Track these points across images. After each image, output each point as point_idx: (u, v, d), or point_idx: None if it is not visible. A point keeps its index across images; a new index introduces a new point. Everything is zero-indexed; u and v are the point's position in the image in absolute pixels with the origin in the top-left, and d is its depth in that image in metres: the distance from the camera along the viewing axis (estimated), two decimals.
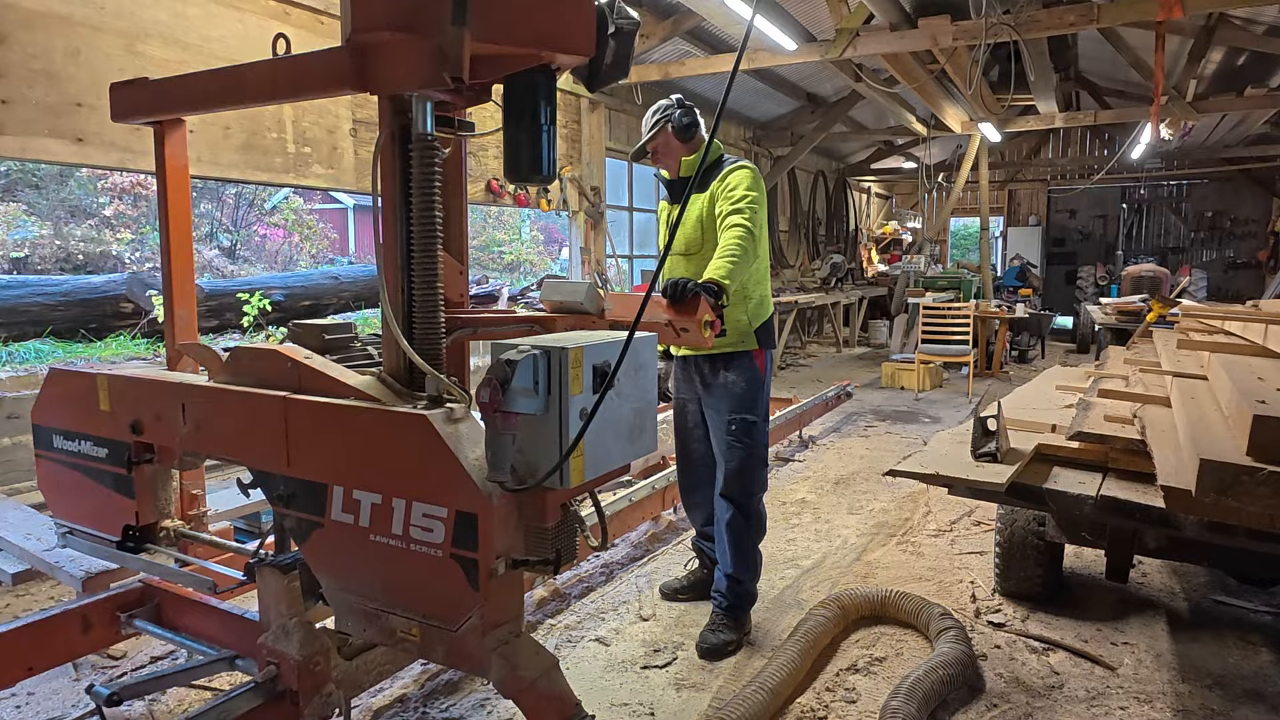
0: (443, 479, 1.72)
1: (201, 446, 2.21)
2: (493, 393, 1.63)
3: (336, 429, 1.88)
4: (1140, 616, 3.26)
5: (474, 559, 1.68)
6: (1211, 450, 1.96)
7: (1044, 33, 6.50)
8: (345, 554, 1.88)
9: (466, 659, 1.78)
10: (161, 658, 2.92)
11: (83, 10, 4.07)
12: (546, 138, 1.93)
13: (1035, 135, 16.29)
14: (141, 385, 2.31)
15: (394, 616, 1.84)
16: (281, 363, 2.05)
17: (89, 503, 2.47)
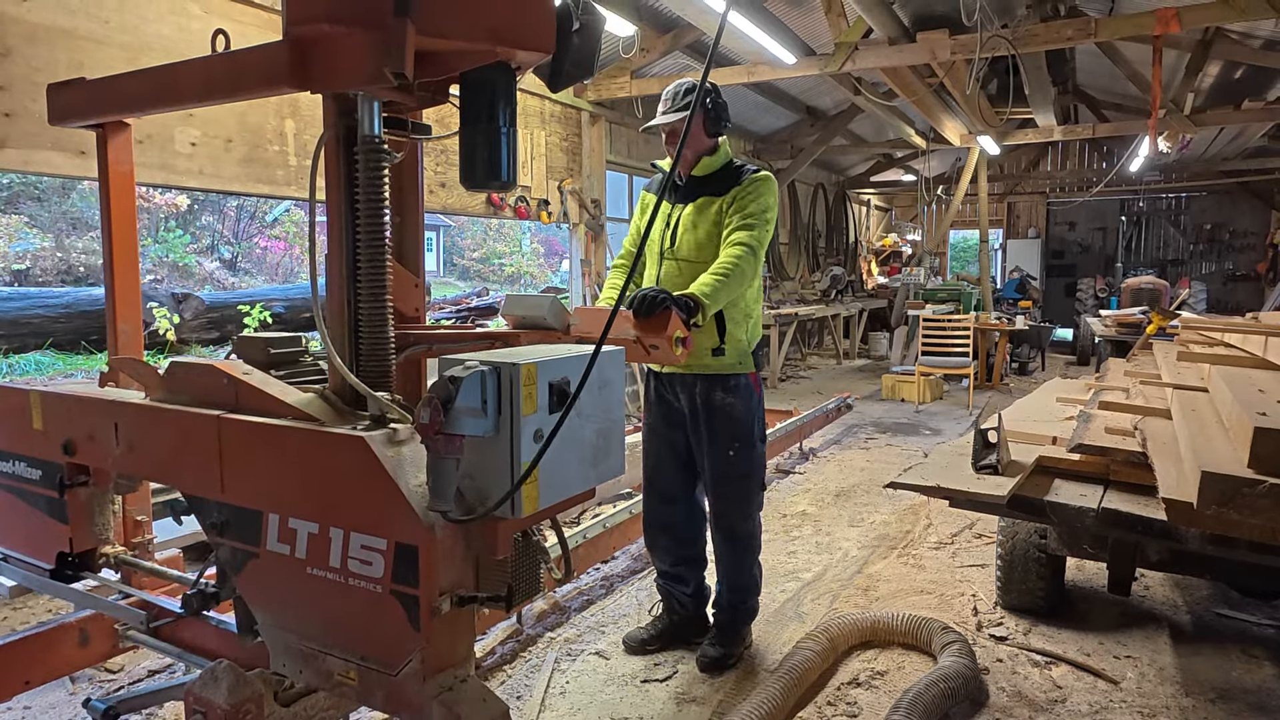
0: (382, 507, 1.56)
1: (135, 469, 2.06)
2: (433, 413, 1.43)
3: (272, 451, 1.71)
4: (1143, 630, 3.24)
5: (415, 595, 1.51)
6: (1213, 462, 1.96)
7: (1041, 47, 6.54)
8: (281, 588, 1.72)
9: (406, 706, 1.59)
10: (159, 671, 2.91)
11: (87, 24, 4.09)
12: (505, 141, 1.80)
13: (1034, 148, 16.37)
14: (73, 403, 2.14)
15: (331, 658, 1.67)
16: (218, 379, 1.88)
17: (23, 527, 2.30)
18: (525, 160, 7.29)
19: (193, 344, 5.19)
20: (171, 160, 4.49)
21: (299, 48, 1.72)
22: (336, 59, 1.68)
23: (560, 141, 7.86)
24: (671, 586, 3.07)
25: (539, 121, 7.51)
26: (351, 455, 1.59)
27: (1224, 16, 5.73)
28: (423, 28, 1.56)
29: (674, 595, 3.08)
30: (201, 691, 1.77)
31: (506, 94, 1.79)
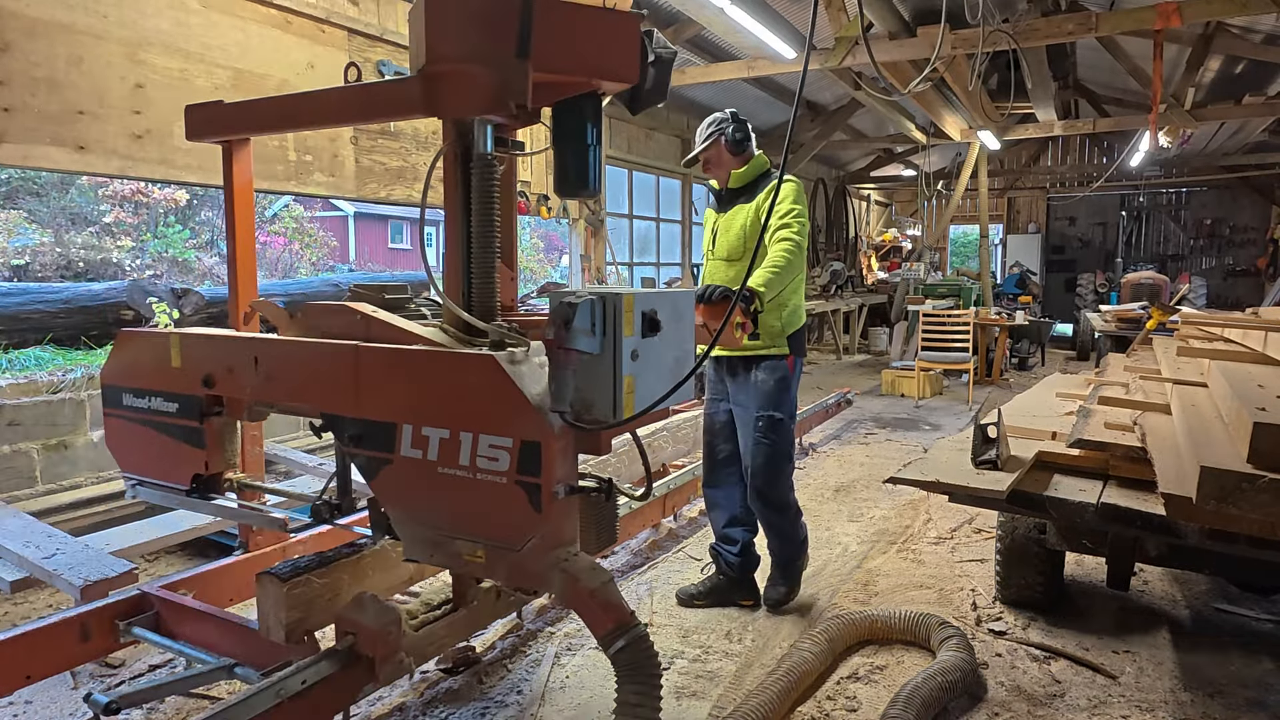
0: (509, 412, 1.85)
1: (273, 396, 2.32)
2: (557, 330, 1.80)
3: (406, 372, 2.01)
4: (1142, 624, 3.25)
5: (537, 484, 1.81)
6: (1212, 457, 1.96)
7: (1042, 41, 6.53)
8: (414, 487, 2.00)
9: (528, 576, 1.94)
10: (160, 666, 2.92)
11: (85, 19, 4.08)
12: (593, 156, 2.15)
13: (1034, 143, 16.35)
14: (214, 342, 2.45)
15: (460, 542, 1.97)
16: (351, 315, 2.21)
17: (158, 455, 2.57)
18: (526, 157, 7.28)
19: None
20: (171, 155, 4.48)
21: (431, 82, 2.04)
22: (464, 92, 2.01)
23: None
24: (721, 548, 3.41)
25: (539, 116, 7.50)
26: (481, 372, 1.89)
27: (1225, 11, 5.73)
28: (539, 65, 1.90)
29: (723, 556, 3.40)
30: (351, 615, 2.15)
31: (595, 117, 2.14)
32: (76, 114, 4.08)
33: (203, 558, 3.86)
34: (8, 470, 3.77)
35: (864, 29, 6.59)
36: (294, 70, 5.12)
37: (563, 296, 1.83)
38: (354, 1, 5.55)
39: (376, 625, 2.12)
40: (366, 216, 23.12)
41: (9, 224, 10.45)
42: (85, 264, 10.27)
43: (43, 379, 3.93)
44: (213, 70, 4.66)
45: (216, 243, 13.50)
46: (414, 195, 6.14)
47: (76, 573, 2.79)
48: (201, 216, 13.33)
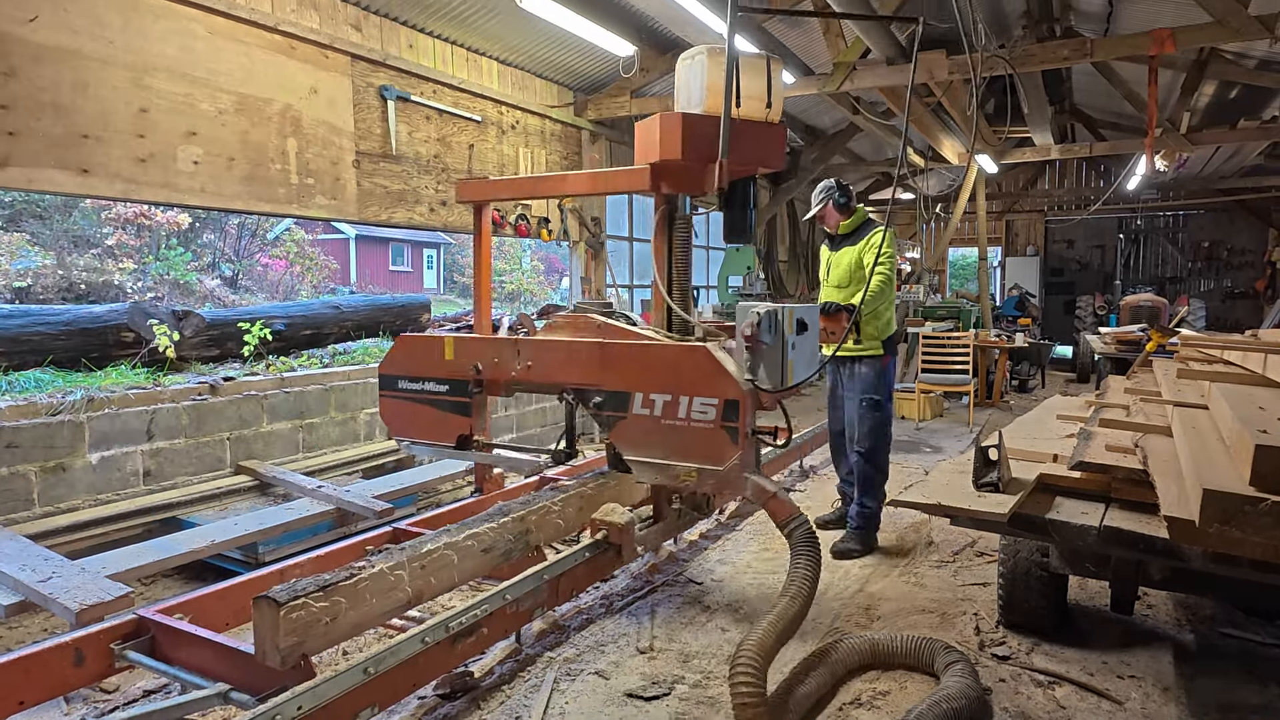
0: (716, 382, 2.93)
1: (532, 378, 3.43)
2: (754, 329, 2.94)
3: (639, 357, 3.12)
4: (1147, 649, 3.22)
5: (735, 427, 2.90)
6: (1214, 480, 1.95)
7: (1038, 67, 6.59)
8: (643, 433, 3.09)
9: (728, 486, 3.04)
10: (155, 691, 2.88)
11: (92, 44, 4.13)
12: (751, 216, 3.36)
13: (1032, 166, 16.45)
14: (483, 341, 3.62)
15: (677, 466, 3.04)
16: (591, 321, 3.42)
17: (429, 424, 3.69)
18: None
19: (193, 361, 5.18)
20: (174, 179, 4.51)
21: (657, 171, 3.23)
22: (683, 180, 3.26)
23: (561, 160, 7.91)
24: (845, 488, 4.64)
25: (540, 140, 7.56)
26: (696, 355, 2.99)
27: (1218, 37, 5.79)
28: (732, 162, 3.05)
29: (847, 494, 4.62)
30: (604, 518, 3.26)
31: (754, 189, 3.39)
32: (81, 138, 4.11)
33: (200, 581, 3.83)
34: (5, 492, 3.75)
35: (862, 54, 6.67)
36: (297, 95, 5.17)
37: (753, 308, 2.97)
38: (357, 27, 5.62)
39: (624, 523, 3.22)
40: (368, 239, 23.24)
41: (12, 246, 10.49)
42: (87, 286, 10.29)
43: (42, 401, 3.93)
44: (217, 95, 4.71)
45: (218, 265, 13.55)
46: (415, 218, 6.18)
47: (72, 596, 2.77)
48: (204, 239, 13.39)
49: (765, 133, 3.30)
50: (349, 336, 6.48)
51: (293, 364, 5.46)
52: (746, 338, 2.93)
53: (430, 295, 14.91)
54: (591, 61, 7.53)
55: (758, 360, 2.94)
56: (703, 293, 11.27)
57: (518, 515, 3.10)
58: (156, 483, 4.32)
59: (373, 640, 3.21)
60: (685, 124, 3.11)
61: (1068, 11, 8.65)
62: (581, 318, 3.43)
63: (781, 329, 2.98)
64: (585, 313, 3.50)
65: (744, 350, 2.96)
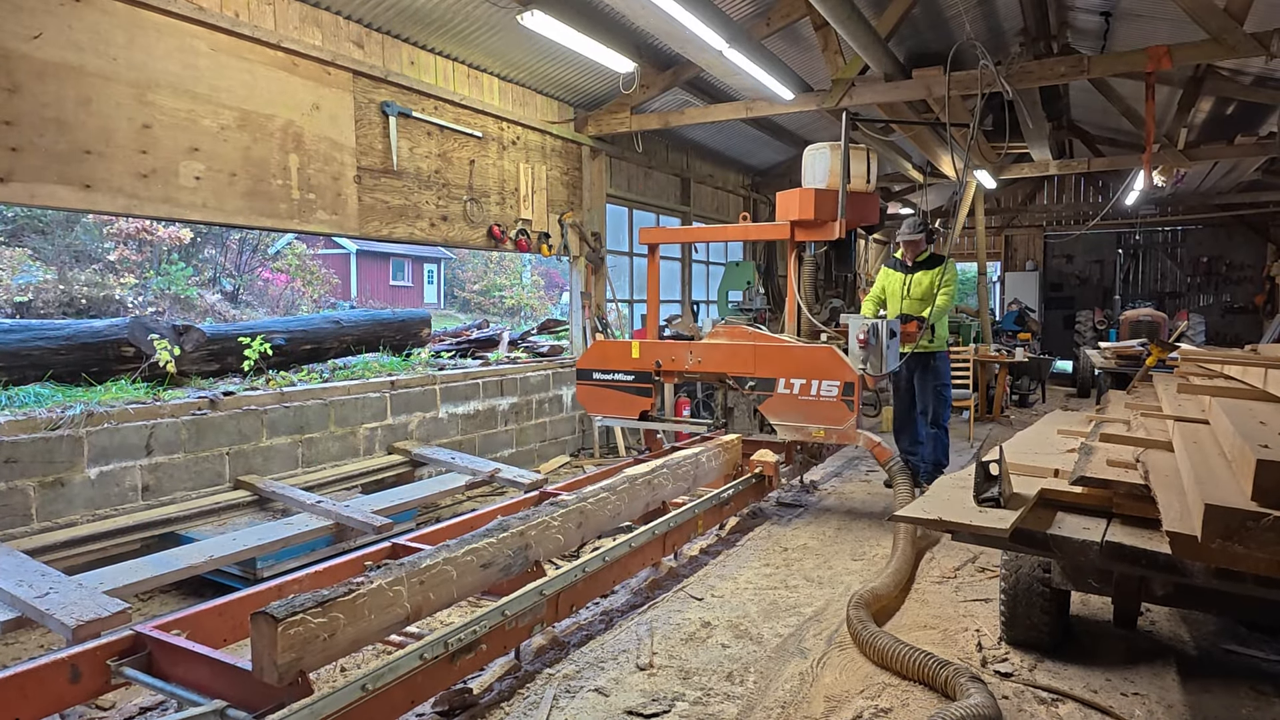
0: (838, 370, 4.74)
1: (701, 369, 5.25)
2: (866, 334, 4.95)
3: (784, 355, 4.98)
4: (1150, 666, 3.19)
5: (851, 400, 4.68)
6: (1216, 495, 1.94)
7: (1035, 83, 6.63)
8: (785, 406, 4.91)
9: (847, 437, 4.82)
10: (151, 708, 2.86)
11: (95, 61, 4.16)
12: (854, 252, 6.29)
13: (1030, 182, 16.52)
14: (661, 344, 5.56)
15: (810, 427, 4.87)
16: (744, 330, 5.37)
17: (618, 404, 5.53)
18: (526, 194, 7.35)
19: (193, 376, 5.18)
20: (175, 194, 4.53)
21: (794, 228, 5.60)
22: (809, 231, 5.61)
23: (561, 175, 7.94)
24: (909, 458, 6.06)
25: (540, 156, 7.59)
26: (824, 353, 4.89)
27: (1214, 54, 5.83)
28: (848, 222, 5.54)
29: (910, 463, 5.98)
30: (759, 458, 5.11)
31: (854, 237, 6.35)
32: (83, 153, 4.13)
33: (197, 597, 3.81)
34: (3, 508, 3.74)
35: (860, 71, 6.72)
36: (300, 111, 5.20)
37: (863, 321, 4.98)
38: (359, 44, 5.66)
39: (773, 461, 5.03)
40: (368, 254, 23.30)
41: (13, 261, 10.51)
42: (88, 301, 10.31)
43: (41, 415, 3.92)
44: (219, 111, 4.74)
45: (219, 280, 13.57)
46: (416, 233, 6.19)
47: (69, 612, 2.76)
48: (205, 254, 13.43)
49: (866, 200, 5.79)
50: (349, 351, 6.48)
51: (293, 379, 5.46)
52: (860, 340, 4.93)
53: (430, 310, 14.93)
54: (592, 78, 7.58)
55: (867, 355, 4.89)
56: (702, 308, 11.29)
57: (517, 530, 3.09)
58: (155, 498, 4.31)
59: (371, 656, 3.19)
60: (816, 197, 5.46)
61: (1065, 29, 8.72)
62: (735, 328, 5.41)
63: (882, 335, 4.90)
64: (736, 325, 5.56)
65: (858, 349, 4.91)
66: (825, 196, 5.39)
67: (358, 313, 8.84)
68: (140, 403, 4.36)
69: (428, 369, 6.50)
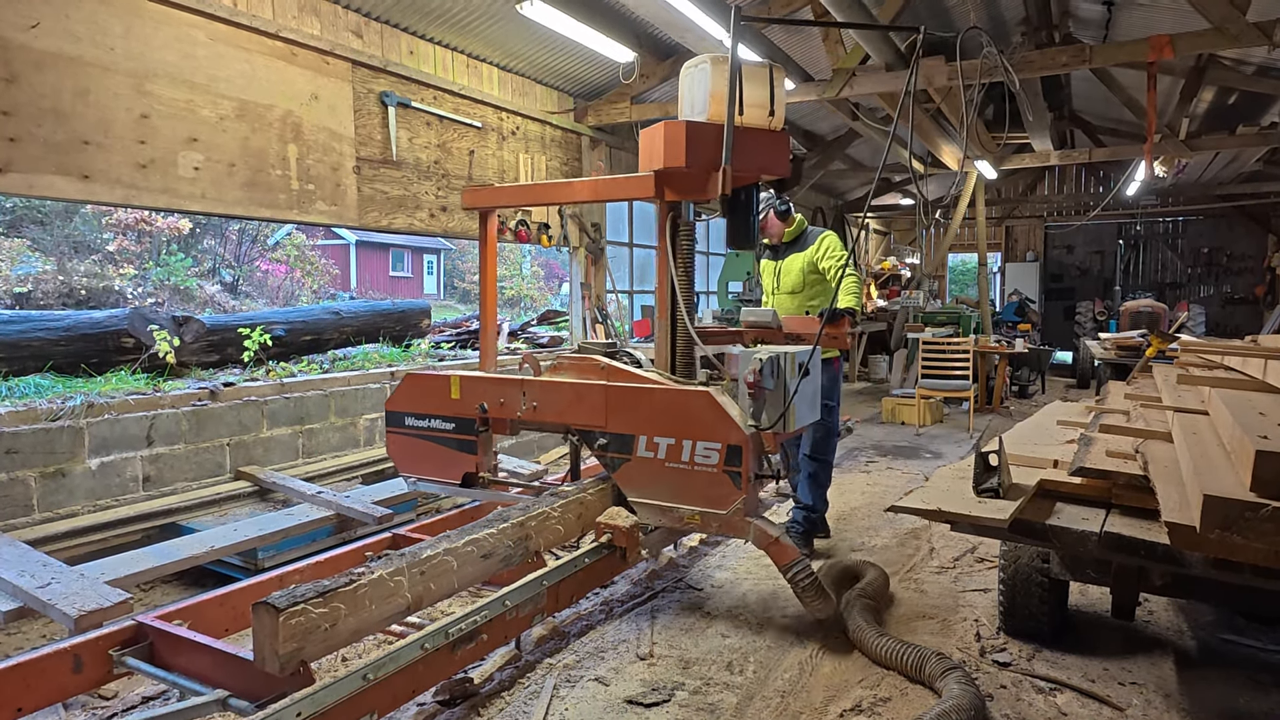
0: (719, 426, 3.03)
1: (537, 418, 3.49)
2: (756, 375, 3.11)
3: (643, 400, 3.20)
4: (1148, 655, 3.21)
5: (739, 471, 3.01)
6: (1215, 486, 1.95)
7: (1037, 73, 6.61)
8: (646, 476, 3.21)
9: (732, 529, 3.10)
10: (153, 698, 2.87)
11: (93, 51, 4.14)
12: (754, 223, 3.54)
13: (1031, 172, 16.49)
14: (488, 380, 3.62)
15: (681, 509, 3.16)
16: (595, 364, 3.46)
17: (435, 461, 3.72)
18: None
19: (193, 367, 5.18)
20: (174, 184, 4.52)
21: (661, 178, 3.34)
22: (685, 185, 3.33)
23: (561, 165, 7.92)
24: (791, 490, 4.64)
25: (540, 146, 7.57)
26: (700, 400, 3.08)
27: (1217, 43, 5.81)
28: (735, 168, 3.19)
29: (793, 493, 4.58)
30: (608, 521, 3.21)
31: (755, 197, 3.53)
32: (82, 144, 4.12)
33: (199, 587, 3.83)
34: (4, 498, 3.74)
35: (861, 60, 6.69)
36: (298, 101, 5.18)
37: (754, 354, 3.12)
38: (358, 34, 5.63)
39: (628, 526, 3.20)
40: (368, 245, 23.27)
41: (13, 252, 10.50)
42: (87, 292, 10.30)
43: (42, 406, 3.93)
44: (218, 101, 4.72)
45: (219, 271, 13.55)
46: (415, 223, 6.18)
47: (71, 602, 2.77)
48: (204, 245, 13.40)
49: (768, 140, 3.36)
50: (349, 342, 6.48)
51: (293, 369, 5.46)
52: (749, 384, 3.10)
53: (430, 301, 14.92)
54: (591, 68, 7.55)
55: (760, 405, 3.11)
56: (703, 299, 11.28)
57: (517, 521, 3.10)
58: (156, 488, 4.32)
59: (372, 646, 3.20)
60: (689, 131, 3.20)
61: (1066, 18, 8.68)
62: (586, 359, 3.48)
63: (784, 374, 3.13)
64: (589, 354, 3.54)
65: (747, 395, 3.12)
66: (703, 135, 3.22)
67: (357, 304, 8.84)
68: (140, 394, 4.36)
69: (428, 360, 6.50)
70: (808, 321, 4.05)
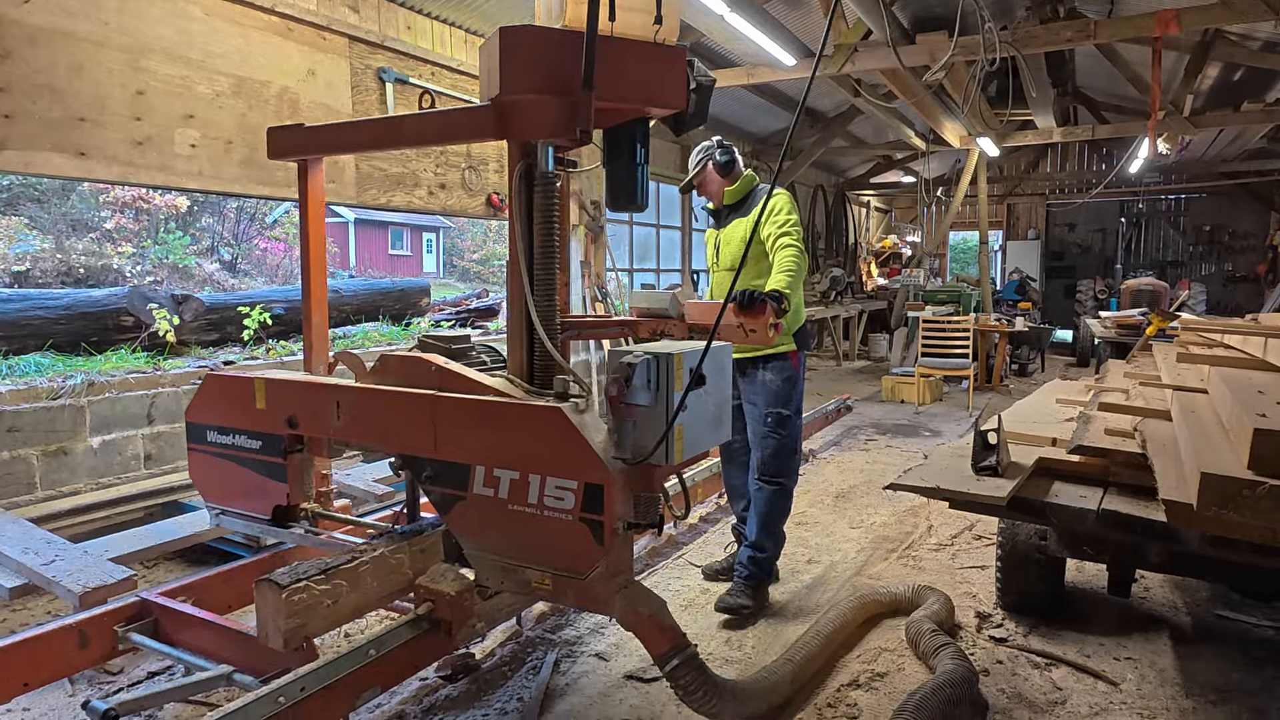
0: (574, 458, 2.10)
1: (354, 437, 2.59)
2: (620, 388, 2.09)
3: (480, 420, 2.26)
4: (1143, 631, 3.24)
5: (600, 521, 2.08)
6: (1212, 464, 1.96)
7: (1041, 48, 6.54)
8: (485, 521, 2.27)
9: (593, 601, 2.18)
10: (159, 673, 2.91)
11: (87, 26, 4.10)
12: (641, 175, 2.42)
13: (1033, 150, 16.37)
14: (297, 386, 2.68)
15: (529, 570, 2.23)
16: (426, 367, 2.44)
17: (242, 488, 2.84)
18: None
19: (193, 345, 5.19)
20: (171, 162, 4.49)
21: (503, 110, 2.30)
22: (535, 119, 2.27)
23: None
24: (741, 528, 3.70)
25: None
26: (549, 421, 2.14)
27: (1223, 18, 5.74)
28: (600, 95, 2.14)
29: (743, 535, 3.62)
30: (431, 584, 2.36)
31: (644, 139, 2.39)
32: (78, 121, 4.09)
33: (202, 564, 3.85)
34: (6, 477, 3.76)
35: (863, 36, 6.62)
36: (295, 77, 5.14)
37: (622, 356, 2.10)
38: (354, 9, 5.57)
39: (454, 592, 2.32)
40: (366, 223, 23.17)
41: (10, 230, 10.46)
42: (86, 270, 10.27)
43: (43, 385, 3.93)
44: (214, 77, 4.68)
45: (217, 249, 13.50)
46: (414, 201, 6.15)
47: (75, 579, 2.79)
48: (202, 223, 13.34)
49: (652, 57, 2.30)
50: (349, 321, 6.48)
51: (292, 348, 5.46)
52: (612, 398, 2.10)
53: (430, 279, 14.89)
54: None
55: (628, 429, 2.10)
56: (703, 277, 11.24)
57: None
58: (158, 466, 4.34)
59: (374, 622, 3.23)
60: (536, 43, 2.20)
61: None
62: (416, 360, 2.47)
63: (666, 384, 2.10)
64: (428, 350, 2.59)
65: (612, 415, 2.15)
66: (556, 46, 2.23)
67: (357, 282, 8.82)
68: (141, 372, 4.36)
69: None
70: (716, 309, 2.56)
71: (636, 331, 2.89)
